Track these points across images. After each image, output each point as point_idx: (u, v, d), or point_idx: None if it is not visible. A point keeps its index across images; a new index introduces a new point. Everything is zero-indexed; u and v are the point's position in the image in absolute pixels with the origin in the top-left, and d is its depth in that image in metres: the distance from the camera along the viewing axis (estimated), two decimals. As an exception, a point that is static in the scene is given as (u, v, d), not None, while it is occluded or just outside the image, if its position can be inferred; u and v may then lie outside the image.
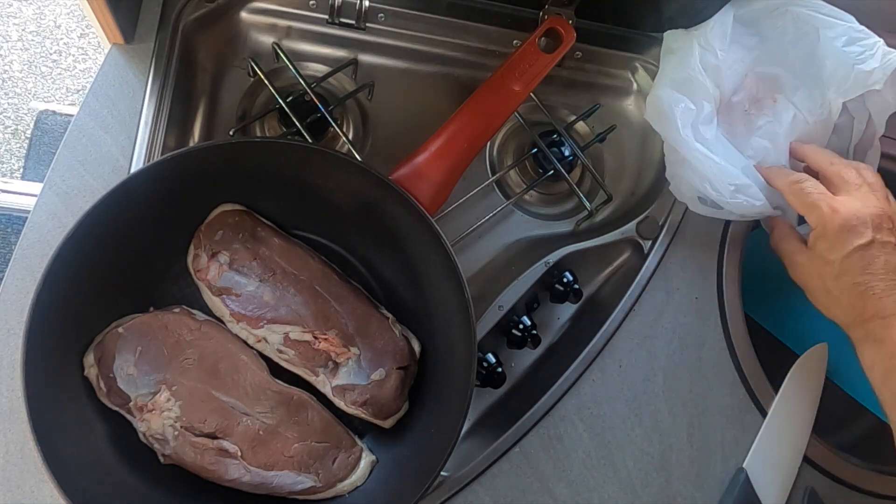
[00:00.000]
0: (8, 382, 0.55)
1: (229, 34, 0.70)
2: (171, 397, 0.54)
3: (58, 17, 1.70)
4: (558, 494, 0.62)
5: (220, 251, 0.58)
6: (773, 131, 0.66)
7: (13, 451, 0.54)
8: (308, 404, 0.57)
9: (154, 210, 0.55)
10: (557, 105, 0.77)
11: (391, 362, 0.58)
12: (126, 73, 0.63)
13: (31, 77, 1.64)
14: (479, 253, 0.72)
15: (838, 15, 0.63)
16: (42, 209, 0.59)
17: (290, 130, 0.67)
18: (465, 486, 0.61)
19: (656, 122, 0.65)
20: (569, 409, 0.64)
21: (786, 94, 0.66)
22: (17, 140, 1.58)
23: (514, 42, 0.72)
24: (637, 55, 0.75)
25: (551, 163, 0.71)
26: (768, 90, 0.67)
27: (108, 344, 0.54)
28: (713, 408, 0.66)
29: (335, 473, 0.56)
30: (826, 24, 0.62)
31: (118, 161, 0.61)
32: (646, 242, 0.69)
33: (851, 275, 0.55)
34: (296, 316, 0.58)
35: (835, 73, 0.62)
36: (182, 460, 0.54)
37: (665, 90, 0.64)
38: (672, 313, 0.67)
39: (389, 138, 0.73)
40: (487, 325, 0.66)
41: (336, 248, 0.63)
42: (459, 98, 0.61)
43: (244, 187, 0.59)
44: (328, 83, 0.72)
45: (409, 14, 0.70)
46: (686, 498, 0.64)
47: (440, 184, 0.58)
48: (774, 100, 0.66)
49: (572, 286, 0.68)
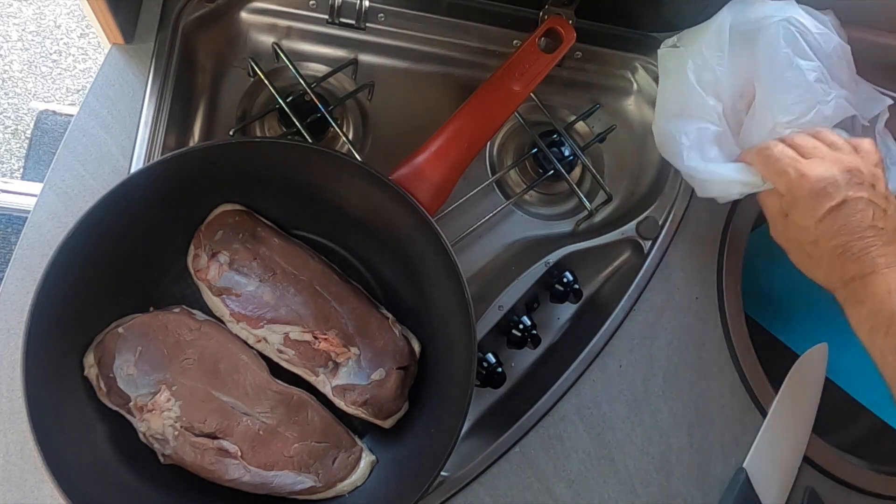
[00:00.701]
0: (8, 382, 0.55)
1: (229, 34, 0.70)
2: (171, 397, 0.54)
3: (58, 17, 1.70)
4: (558, 494, 0.62)
5: (220, 251, 0.58)
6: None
7: (13, 451, 0.54)
8: (308, 404, 0.57)
9: (154, 210, 0.55)
10: (557, 105, 0.77)
11: (391, 362, 0.58)
12: (126, 73, 0.63)
13: (31, 77, 1.64)
14: (479, 253, 0.72)
15: (822, 40, 0.61)
16: (42, 209, 0.59)
17: (290, 130, 0.67)
18: (465, 486, 0.61)
19: (664, 153, 0.64)
20: (569, 409, 0.64)
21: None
22: (17, 140, 1.58)
23: (514, 42, 0.72)
24: (637, 55, 0.75)
25: (551, 163, 0.71)
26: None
27: (108, 344, 0.54)
28: (713, 408, 0.66)
29: (335, 473, 0.56)
30: (803, 53, 0.60)
31: (118, 161, 0.61)
32: (646, 242, 0.69)
33: (827, 238, 0.54)
34: (296, 316, 0.58)
35: (798, 103, 0.60)
36: (182, 460, 0.54)
37: (665, 121, 0.63)
38: (672, 313, 0.67)
39: (389, 138, 0.73)
40: (487, 325, 0.66)
41: (336, 248, 0.63)
42: (459, 98, 0.61)
43: (244, 187, 0.59)
44: (328, 83, 0.72)
45: (409, 14, 0.70)
46: (686, 498, 0.64)
47: (440, 184, 0.58)
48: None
49: (572, 286, 0.68)
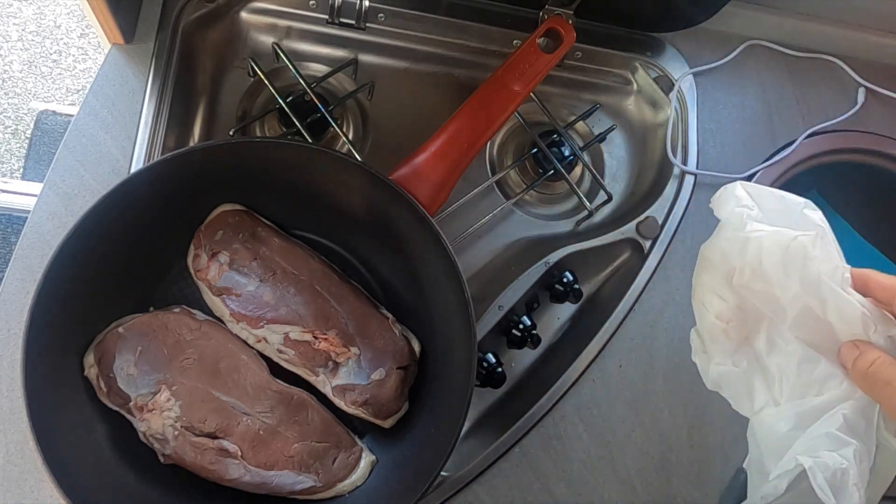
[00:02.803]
0: (8, 382, 0.55)
1: (229, 34, 0.70)
2: (172, 397, 0.54)
3: (58, 17, 1.70)
4: (558, 494, 0.62)
5: (221, 251, 0.58)
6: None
7: (13, 451, 0.54)
8: (308, 404, 0.57)
9: (154, 210, 0.55)
10: (557, 105, 0.77)
11: (391, 362, 0.58)
12: (126, 73, 0.63)
13: (31, 77, 1.64)
14: (479, 253, 0.72)
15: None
16: (42, 209, 0.59)
17: (290, 130, 0.67)
18: (465, 486, 0.61)
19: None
20: (569, 409, 0.64)
21: None
22: (17, 140, 1.58)
23: (514, 42, 0.72)
24: (637, 55, 0.75)
25: (551, 163, 0.71)
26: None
27: (108, 344, 0.54)
28: (713, 408, 0.65)
29: (335, 473, 0.56)
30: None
31: (118, 161, 0.61)
32: (646, 242, 0.69)
33: None
34: (296, 316, 0.58)
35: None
36: (182, 460, 0.54)
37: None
38: (672, 313, 0.67)
39: (389, 138, 0.73)
40: (487, 325, 0.66)
41: (336, 248, 0.63)
42: (459, 98, 0.61)
43: (244, 187, 0.59)
44: (328, 83, 0.72)
45: (409, 14, 0.70)
46: (686, 498, 0.64)
47: (440, 184, 0.58)
48: None
49: (572, 286, 0.68)
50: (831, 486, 0.38)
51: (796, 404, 0.42)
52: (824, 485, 0.38)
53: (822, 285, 0.40)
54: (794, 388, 0.42)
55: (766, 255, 0.41)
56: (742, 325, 0.44)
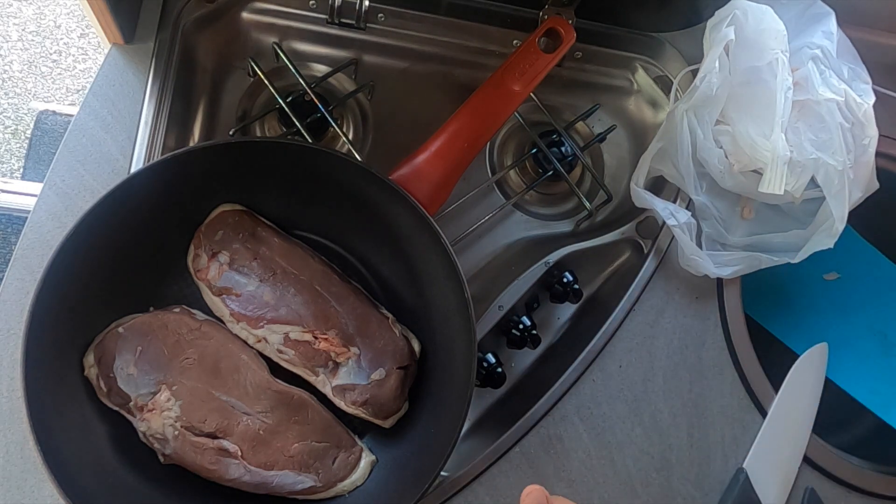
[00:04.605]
0: (8, 382, 0.55)
1: (229, 34, 0.70)
2: (171, 397, 0.54)
3: (58, 17, 1.70)
4: (558, 494, 0.62)
5: (220, 251, 0.58)
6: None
7: (13, 451, 0.54)
8: (308, 404, 0.57)
9: (154, 210, 0.55)
10: (557, 105, 0.77)
11: (391, 362, 0.58)
12: (126, 73, 0.63)
13: (31, 77, 1.64)
14: (479, 253, 0.72)
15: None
16: (42, 209, 0.59)
17: (290, 130, 0.67)
18: (465, 486, 0.61)
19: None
20: (569, 409, 0.64)
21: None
22: (17, 140, 1.58)
23: (514, 42, 0.72)
24: (637, 55, 0.75)
25: (551, 163, 0.71)
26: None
27: (108, 344, 0.54)
28: (713, 408, 0.66)
29: (335, 473, 0.56)
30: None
31: (118, 161, 0.61)
32: (646, 242, 0.69)
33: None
34: (296, 316, 0.58)
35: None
36: (182, 460, 0.54)
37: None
38: (672, 313, 0.67)
39: (389, 138, 0.73)
40: (487, 325, 0.66)
41: (336, 248, 0.63)
42: (459, 98, 0.61)
43: (244, 187, 0.59)
44: (328, 83, 0.72)
45: (409, 14, 0.70)
46: (686, 498, 0.64)
47: (440, 184, 0.58)
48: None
49: (572, 286, 0.68)
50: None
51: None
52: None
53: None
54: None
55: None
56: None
